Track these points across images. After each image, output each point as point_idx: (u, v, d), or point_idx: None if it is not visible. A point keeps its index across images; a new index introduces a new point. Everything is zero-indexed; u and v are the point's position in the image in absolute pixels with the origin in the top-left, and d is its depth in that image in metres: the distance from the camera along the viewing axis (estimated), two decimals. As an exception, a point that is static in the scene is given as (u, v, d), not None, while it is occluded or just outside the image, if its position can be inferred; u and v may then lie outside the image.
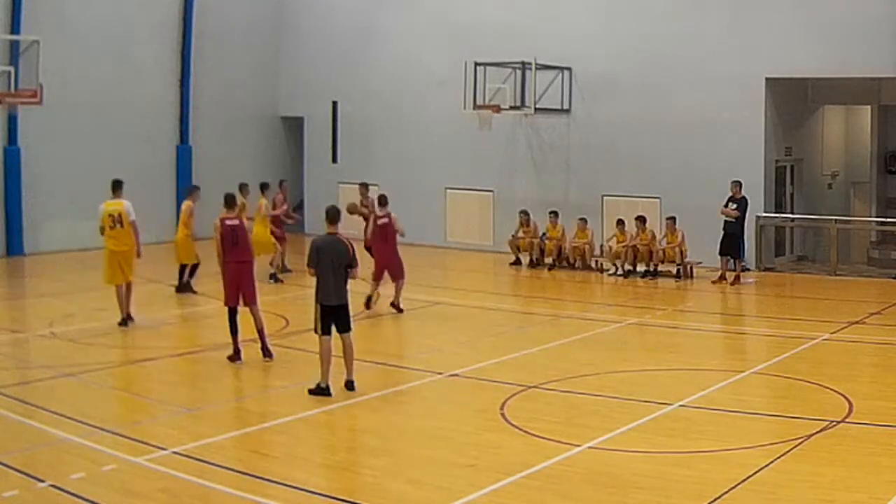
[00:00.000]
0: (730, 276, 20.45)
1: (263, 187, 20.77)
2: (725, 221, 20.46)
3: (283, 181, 23.29)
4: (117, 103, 25.62)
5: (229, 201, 13.70)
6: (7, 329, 15.83)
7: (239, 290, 13.24)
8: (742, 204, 20.36)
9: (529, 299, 19.81)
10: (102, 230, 15.91)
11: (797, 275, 22.14)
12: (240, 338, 13.25)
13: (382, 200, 17.48)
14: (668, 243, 21.38)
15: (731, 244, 20.48)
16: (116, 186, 16.29)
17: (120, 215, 15.90)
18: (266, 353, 13.35)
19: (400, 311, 16.99)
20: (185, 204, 18.96)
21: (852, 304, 18.34)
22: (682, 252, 21.26)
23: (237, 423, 10.65)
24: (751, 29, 21.82)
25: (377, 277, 17.08)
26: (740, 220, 20.45)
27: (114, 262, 15.87)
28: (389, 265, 17.13)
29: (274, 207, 21.53)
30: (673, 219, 21.39)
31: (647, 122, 23.07)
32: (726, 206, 20.43)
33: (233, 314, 13.22)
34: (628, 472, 9.01)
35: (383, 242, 17.28)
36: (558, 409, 11.18)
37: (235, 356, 13.25)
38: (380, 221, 17.26)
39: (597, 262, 22.54)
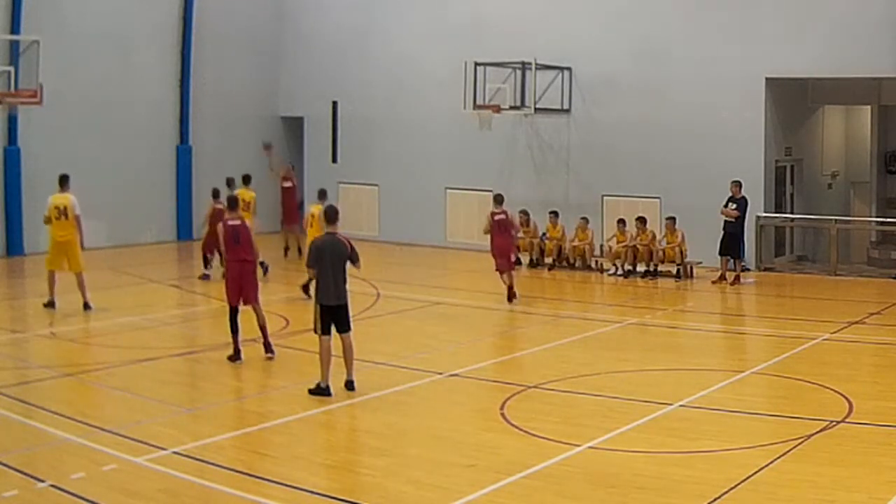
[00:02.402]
0: (730, 276, 20.45)
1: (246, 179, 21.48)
2: (725, 221, 20.47)
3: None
4: (117, 103, 25.61)
5: (231, 202, 13.87)
6: (7, 329, 15.83)
7: (241, 289, 13.30)
8: (742, 204, 20.36)
9: (529, 299, 19.78)
10: (48, 220, 16.96)
11: (797, 275, 22.13)
12: (240, 338, 13.27)
13: (499, 199, 18.76)
14: (668, 243, 21.38)
15: (731, 244, 20.48)
16: (63, 181, 17.19)
17: (66, 208, 16.87)
18: (268, 349, 13.42)
19: (515, 297, 18.25)
20: (316, 206, 18.20)
21: (852, 304, 18.33)
22: (682, 252, 21.26)
23: (237, 423, 10.66)
24: (751, 29, 21.82)
25: (507, 268, 18.51)
26: (740, 220, 20.45)
27: (58, 251, 16.99)
28: (507, 256, 18.62)
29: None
30: (673, 219, 21.39)
31: (646, 123, 23.06)
32: (726, 206, 20.44)
33: (234, 314, 13.26)
34: (628, 472, 9.01)
35: (502, 235, 18.53)
36: (558, 409, 11.18)
37: (235, 356, 13.27)
38: (497, 217, 18.48)
39: (597, 262, 22.54)
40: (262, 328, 13.44)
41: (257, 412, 11.19)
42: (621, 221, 21.82)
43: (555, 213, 22.95)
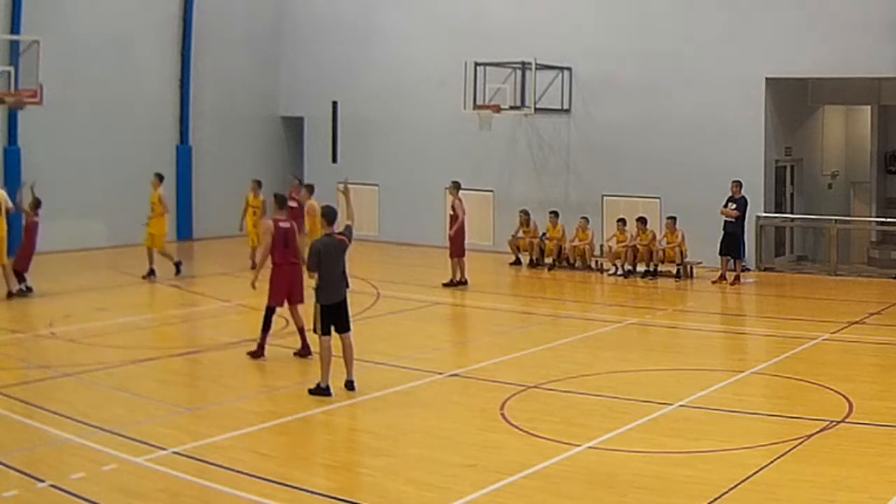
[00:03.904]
0: (730, 276, 20.45)
1: (161, 178, 21.02)
2: (725, 221, 20.47)
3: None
4: (117, 103, 25.60)
5: (281, 202, 13.89)
6: (7, 329, 15.83)
7: (290, 291, 13.39)
8: (742, 204, 20.37)
9: (529, 299, 19.80)
10: None
11: (797, 275, 22.14)
12: (269, 338, 13.33)
13: (458, 186, 20.32)
14: (668, 243, 21.37)
15: (731, 244, 20.49)
16: None
17: (1, 203, 17.35)
18: (307, 349, 13.40)
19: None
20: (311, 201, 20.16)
21: (852, 304, 18.34)
22: (682, 252, 21.26)
23: (237, 423, 10.65)
24: (751, 29, 21.83)
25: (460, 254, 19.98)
26: (740, 219, 20.46)
27: None
28: (463, 242, 20.13)
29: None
30: (673, 219, 21.38)
31: (647, 122, 23.07)
32: (726, 205, 20.45)
33: (271, 313, 13.35)
34: (628, 472, 9.01)
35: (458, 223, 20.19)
36: (558, 409, 11.18)
37: (259, 352, 13.36)
38: (463, 205, 20.28)
39: (597, 262, 22.54)
40: (301, 329, 13.44)
41: (257, 412, 11.18)
42: (621, 221, 21.82)
43: (555, 213, 22.94)
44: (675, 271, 21.38)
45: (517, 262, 23.22)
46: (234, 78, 28.50)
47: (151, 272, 20.18)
